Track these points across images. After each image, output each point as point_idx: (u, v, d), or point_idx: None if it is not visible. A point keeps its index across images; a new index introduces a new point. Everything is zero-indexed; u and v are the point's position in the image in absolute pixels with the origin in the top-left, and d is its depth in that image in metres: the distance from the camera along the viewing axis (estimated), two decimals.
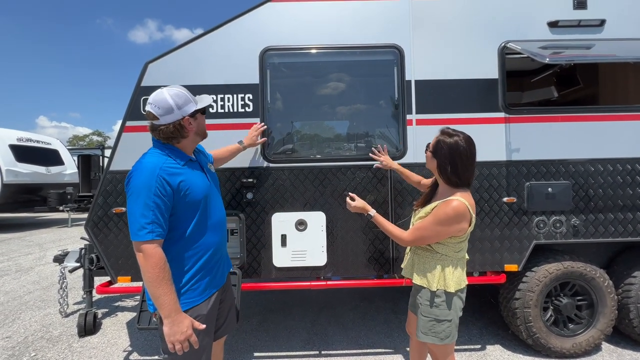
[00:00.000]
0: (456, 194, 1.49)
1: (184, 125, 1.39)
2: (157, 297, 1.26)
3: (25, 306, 3.67)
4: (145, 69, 2.35)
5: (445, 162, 1.51)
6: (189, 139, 1.45)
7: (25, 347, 2.80)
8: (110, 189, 2.31)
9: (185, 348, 1.29)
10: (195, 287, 1.39)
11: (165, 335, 1.28)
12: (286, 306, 3.48)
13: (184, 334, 1.27)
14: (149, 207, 1.26)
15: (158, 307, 1.27)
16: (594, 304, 2.40)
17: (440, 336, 1.53)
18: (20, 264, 5.39)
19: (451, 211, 1.44)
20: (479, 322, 3.04)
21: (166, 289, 1.26)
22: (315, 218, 2.32)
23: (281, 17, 2.39)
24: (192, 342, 1.30)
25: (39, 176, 8.93)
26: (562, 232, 2.36)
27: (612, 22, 2.39)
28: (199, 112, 1.46)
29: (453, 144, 1.50)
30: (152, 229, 1.25)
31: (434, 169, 1.58)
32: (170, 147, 1.42)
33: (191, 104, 1.41)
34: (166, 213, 1.30)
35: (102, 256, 2.33)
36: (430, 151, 1.59)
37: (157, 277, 1.25)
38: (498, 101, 2.37)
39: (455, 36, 2.38)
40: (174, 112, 1.36)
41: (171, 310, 1.26)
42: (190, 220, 1.38)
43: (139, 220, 1.25)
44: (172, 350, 1.29)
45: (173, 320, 1.26)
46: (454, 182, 1.51)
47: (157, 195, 1.27)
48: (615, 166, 2.36)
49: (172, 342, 1.27)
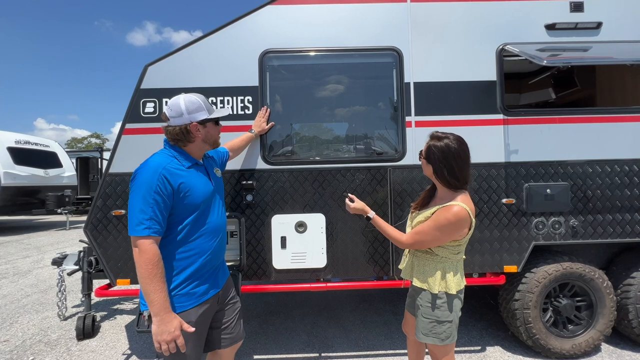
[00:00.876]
0: (457, 199, 1.49)
1: (190, 130, 1.44)
2: (148, 293, 1.27)
3: (23, 309, 3.65)
4: (145, 71, 2.35)
5: (440, 167, 1.51)
6: (196, 145, 1.49)
7: (23, 350, 2.78)
8: (109, 191, 2.31)
9: (171, 349, 1.28)
10: (185, 292, 1.38)
11: (152, 333, 1.28)
12: (286, 308, 3.48)
13: (171, 334, 1.27)
14: (149, 203, 1.28)
15: (148, 303, 1.28)
16: (593, 304, 2.41)
17: (441, 337, 1.53)
18: (18, 267, 5.36)
19: (452, 217, 1.44)
20: (479, 323, 3.05)
21: (157, 287, 1.26)
22: (315, 220, 2.32)
23: (280, 19, 2.40)
24: (178, 344, 1.29)
25: (37, 179, 8.90)
26: (561, 233, 2.37)
27: (608, 24, 2.41)
28: (211, 121, 1.50)
29: (444, 147, 1.49)
30: (150, 225, 1.27)
31: (430, 174, 1.58)
32: (178, 150, 1.47)
33: (202, 112, 1.46)
34: (165, 212, 1.32)
35: (101, 259, 2.32)
36: (423, 157, 1.58)
37: (150, 273, 1.26)
38: (496, 103, 2.38)
39: (453, 39, 2.40)
40: (183, 116, 1.43)
41: (160, 309, 1.27)
42: (186, 223, 1.38)
43: (138, 216, 1.28)
44: (158, 350, 1.28)
45: (162, 319, 1.27)
46: (454, 184, 1.51)
47: (157, 193, 1.29)
48: (613, 167, 2.38)
49: (159, 341, 1.27)
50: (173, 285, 1.36)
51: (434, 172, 1.54)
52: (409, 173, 2.36)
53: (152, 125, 2.32)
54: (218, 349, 1.58)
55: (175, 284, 1.36)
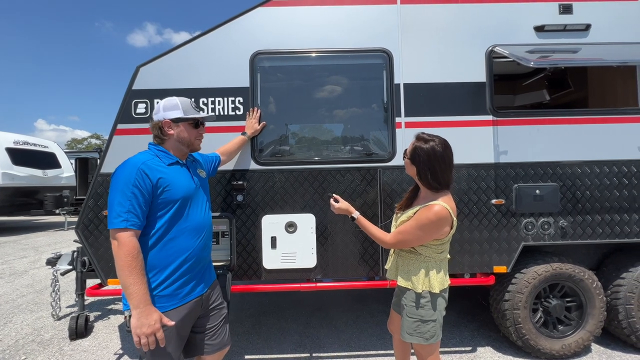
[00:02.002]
0: (438, 199, 1.50)
1: (162, 127, 1.49)
2: (127, 286, 1.26)
3: (17, 309, 3.66)
4: (136, 72, 2.37)
5: (424, 169, 1.52)
6: (171, 143, 1.52)
7: (15, 350, 2.79)
8: (100, 191, 2.32)
9: (151, 344, 1.27)
10: (167, 293, 1.37)
11: (132, 327, 1.26)
12: (279, 309, 3.48)
13: (151, 327, 1.26)
14: (127, 196, 1.29)
15: (127, 296, 1.27)
16: (583, 305, 2.42)
17: (425, 336, 1.54)
18: (15, 267, 5.37)
19: (433, 216, 1.46)
20: (471, 324, 3.05)
21: (137, 279, 1.26)
22: (305, 220, 2.33)
23: (272, 21, 2.41)
24: (158, 338, 1.28)
25: (36, 179, 8.93)
26: (551, 234, 2.38)
27: (597, 26, 2.43)
28: (185, 122, 1.52)
29: (430, 150, 1.50)
30: (128, 217, 1.28)
31: (413, 174, 1.59)
32: (160, 149, 1.51)
33: (176, 111, 1.50)
34: (145, 206, 1.33)
35: (92, 259, 2.33)
36: (408, 158, 1.59)
37: (129, 265, 1.25)
38: (486, 104, 2.40)
39: (443, 40, 2.41)
40: (159, 113, 1.51)
41: (140, 301, 1.26)
42: (165, 219, 1.38)
43: (116, 209, 1.29)
44: (137, 345, 1.27)
45: (141, 312, 1.26)
46: (435, 186, 1.52)
47: (136, 186, 1.31)
48: (602, 168, 2.39)
49: (139, 334, 1.26)
50: (154, 284, 1.35)
51: (418, 174, 1.56)
52: (399, 174, 2.37)
53: (143, 125, 2.33)
54: (202, 355, 1.57)
55: (156, 284, 1.36)
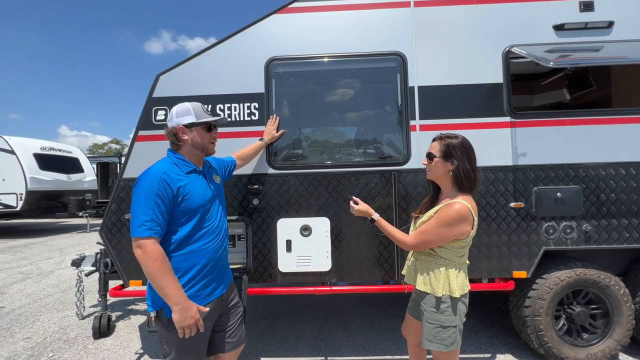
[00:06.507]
0: (458, 197, 1.49)
1: (176, 133, 1.53)
2: (162, 288, 1.31)
3: (45, 308, 3.83)
4: (156, 80, 2.46)
5: (463, 161, 1.50)
6: (186, 149, 1.56)
7: (44, 347, 2.91)
8: (123, 195, 2.41)
9: (193, 332, 1.37)
10: (190, 293, 1.42)
11: (175, 322, 1.34)
12: (294, 311, 3.50)
13: (193, 318, 1.35)
14: (150, 205, 1.34)
15: (164, 297, 1.33)
16: (610, 312, 2.32)
17: (445, 343, 1.51)
18: (42, 268, 5.62)
19: (454, 213, 1.44)
20: (490, 330, 2.98)
21: (170, 280, 1.32)
22: (320, 224, 2.35)
23: (286, 28, 2.45)
24: (199, 327, 1.38)
25: (61, 183, 9.34)
26: (573, 238, 2.30)
27: (620, 23, 2.34)
28: (198, 126, 1.55)
29: (463, 142, 1.52)
30: (151, 226, 1.33)
31: (445, 174, 1.54)
32: (178, 156, 1.54)
33: (189, 117, 1.54)
34: (166, 214, 1.38)
35: (115, 260, 2.42)
36: (440, 157, 1.54)
37: (159, 269, 1.31)
38: (503, 105, 2.35)
39: (458, 41, 2.39)
40: (173, 120, 1.55)
41: (179, 298, 1.33)
42: (185, 226, 1.43)
43: (140, 218, 1.34)
44: (181, 336, 1.36)
45: (182, 307, 1.33)
46: (471, 183, 1.50)
47: (158, 196, 1.35)
48: (628, 170, 2.29)
49: (183, 327, 1.34)
50: None
51: (455, 170, 1.51)
52: (413, 177, 2.36)
53: (163, 132, 2.40)
54: (221, 353, 1.62)
55: None
